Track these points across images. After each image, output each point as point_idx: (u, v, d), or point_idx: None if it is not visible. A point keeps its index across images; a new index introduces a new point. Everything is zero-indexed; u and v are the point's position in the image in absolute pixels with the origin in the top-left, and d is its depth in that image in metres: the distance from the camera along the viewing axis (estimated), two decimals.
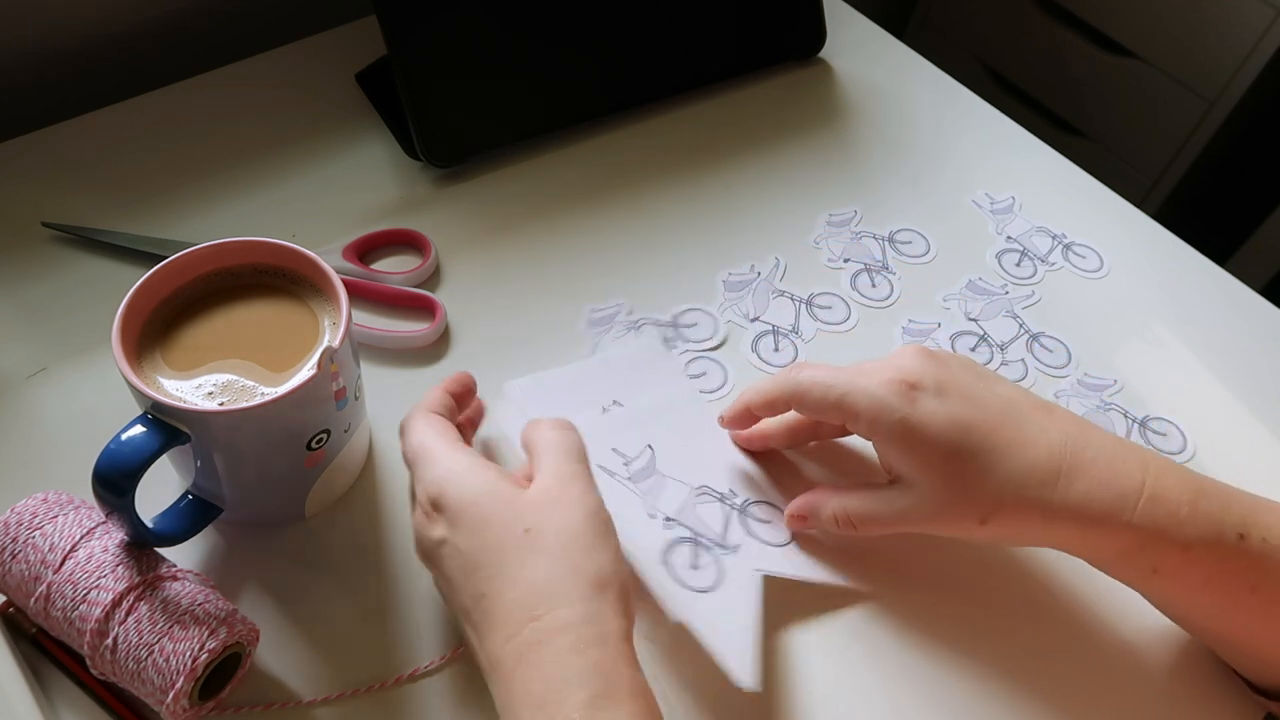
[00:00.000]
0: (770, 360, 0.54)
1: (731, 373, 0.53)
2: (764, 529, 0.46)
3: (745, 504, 0.46)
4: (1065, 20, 1.26)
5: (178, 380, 0.39)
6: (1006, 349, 0.55)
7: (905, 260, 0.59)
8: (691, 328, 0.55)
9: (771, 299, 0.57)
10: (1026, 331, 0.56)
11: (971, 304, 0.57)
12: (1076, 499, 0.38)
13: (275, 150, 0.61)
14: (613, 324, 0.55)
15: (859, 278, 0.58)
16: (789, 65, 0.71)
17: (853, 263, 0.59)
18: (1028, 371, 0.55)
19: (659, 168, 0.63)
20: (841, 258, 0.59)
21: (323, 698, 0.40)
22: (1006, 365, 0.55)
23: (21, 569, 0.38)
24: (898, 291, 0.58)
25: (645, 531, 0.44)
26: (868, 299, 0.57)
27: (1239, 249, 1.24)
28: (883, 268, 0.59)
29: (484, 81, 0.60)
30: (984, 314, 0.57)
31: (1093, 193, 0.65)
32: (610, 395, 0.49)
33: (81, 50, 0.65)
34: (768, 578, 0.43)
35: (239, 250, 0.42)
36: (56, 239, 0.55)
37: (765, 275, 0.57)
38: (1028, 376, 0.54)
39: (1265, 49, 1.09)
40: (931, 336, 0.56)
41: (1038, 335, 0.56)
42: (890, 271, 0.59)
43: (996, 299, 0.58)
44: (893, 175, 0.65)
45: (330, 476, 0.44)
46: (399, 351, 0.52)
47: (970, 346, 0.55)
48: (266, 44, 0.67)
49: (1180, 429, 0.52)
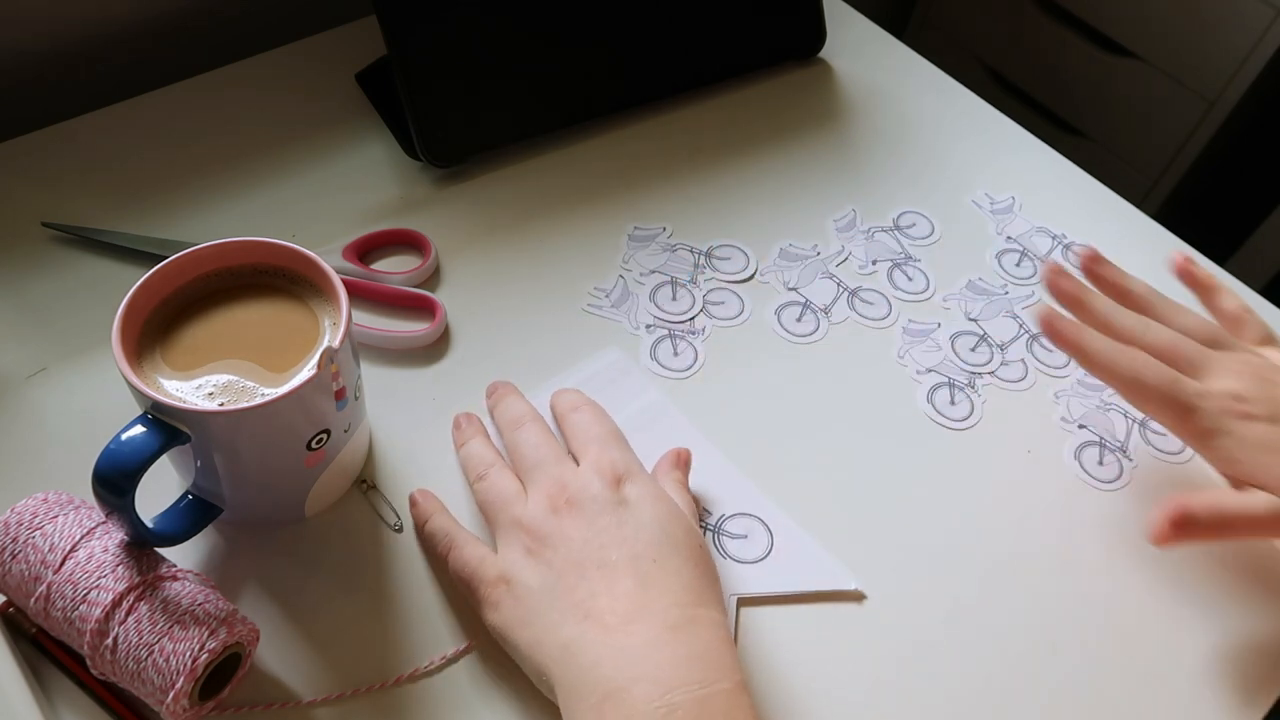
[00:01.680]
0: (791, 329, 0.55)
1: (749, 303, 0.56)
2: (739, 546, 0.46)
3: (720, 521, 0.46)
4: (1065, 20, 1.26)
5: (178, 380, 0.39)
6: (1006, 349, 0.56)
7: (918, 244, 0.61)
8: (725, 260, 0.58)
9: (818, 278, 0.58)
10: (1026, 331, 0.56)
11: (971, 304, 0.58)
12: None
13: (275, 150, 0.61)
14: (652, 244, 0.58)
15: (893, 274, 0.59)
16: (789, 65, 0.71)
17: (882, 262, 0.59)
18: (1028, 371, 0.55)
19: (659, 168, 0.63)
20: (870, 260, 0.59)
21: (322, 698, 0.40)
22: (1007, 365, 0.55)
23: (21, 569, 0.38)
24: (932, 284, 0.59)
25: None
26: (905, 292, 0.58)
27: (1239, 249, 1.24)
28: (907, 259, 0.60)
29: (484, 81, 0.60)
30: (984, 314, 0.57)
31: (1093, 193, 0.65)
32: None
33: (81, 50, 0.65)
34: (742, 603, 0.44)
35: (239, 250, 0.42)
36: (56, 239, 0.55)
37: (823, 255, 0.59)
38: (1028, 376, 0.54)
39: (1265, 49, 1.09)
40: (931, 336, 0.56)
41: (1037, 335, 0.56)
42: (916, 261, 0.60)
43: (996, 299, 0.58)
44: (892, 175, 0.65)
45: (330, 476, 0.44)
46: (399, 351, 0.52)
47: (970, 346, 0.55)
48: (266, 44, 0.67)
49: None
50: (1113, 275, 0.48)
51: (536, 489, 0.42)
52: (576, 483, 0.41)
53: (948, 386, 0.53)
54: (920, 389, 0.53)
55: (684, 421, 0.50)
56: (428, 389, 0.51)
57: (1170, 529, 0.41)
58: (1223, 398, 0.42)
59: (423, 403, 0.50)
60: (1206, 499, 0.42)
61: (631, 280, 0.57)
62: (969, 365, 0.55)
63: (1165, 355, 0.44)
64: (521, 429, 0.45)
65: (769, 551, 0.45)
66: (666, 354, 0.53)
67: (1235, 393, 0.42)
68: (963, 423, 0.52)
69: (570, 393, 0.48)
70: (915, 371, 0.54)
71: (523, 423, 0.45)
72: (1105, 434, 0.52)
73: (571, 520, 0.40)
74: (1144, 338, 0.45)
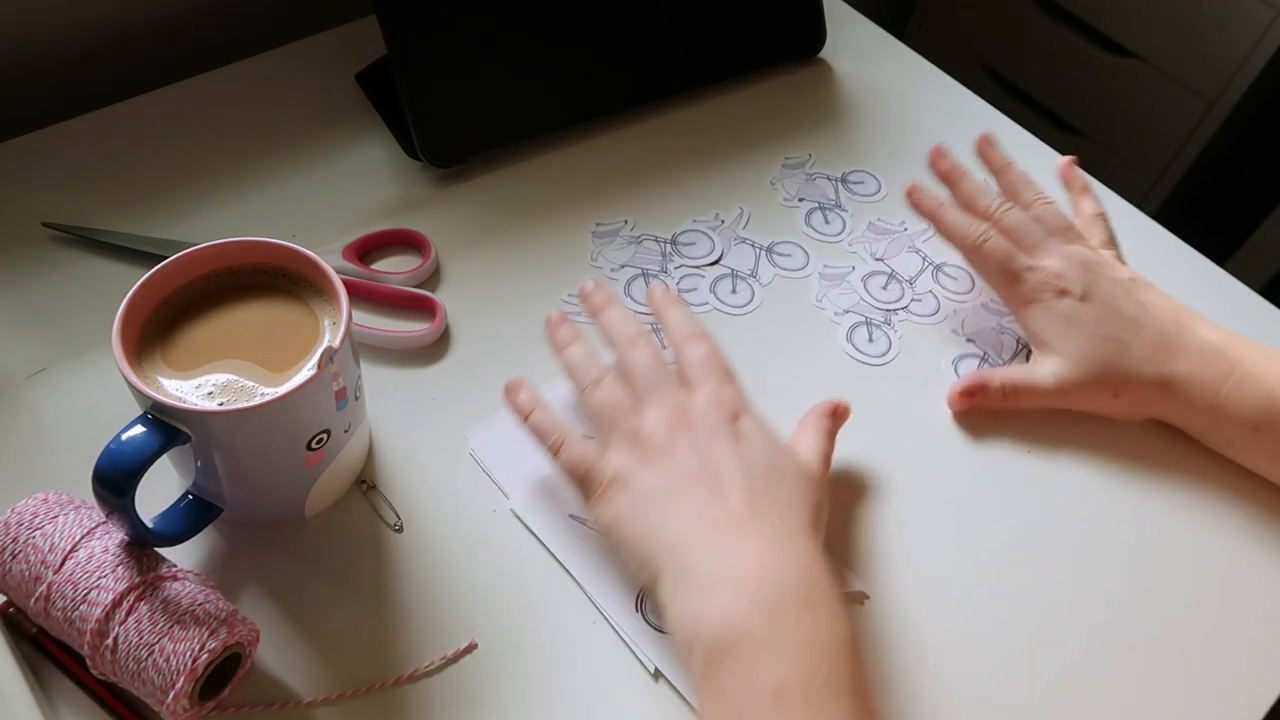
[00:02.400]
0: (728, 300, 0.57)
1: (705, 288, 0.57)
2: None
3: None
4: (1065, 20, 1.26)
5: (178, 380, 0.39)
6: (915, 282, 0.58)
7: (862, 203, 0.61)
8: (690, 246, 0.59)
9: (734, 244, 0.60)
10: (930, 263, 0.59)
11: (875, 245, 0.60)
12: (1183, 374, 0.48)
13: (275, 150, 0.61)
14: (615, 238, 0.58)
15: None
16: (789, 65, 0.71)
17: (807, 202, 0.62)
18: (940, 305, 0.57)
19: (659, 168, 0.63)
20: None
21: (322, 698, 0.40)
22: (918, 300, 0.58)
23: (22, 569, 0.38)
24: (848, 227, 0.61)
25: (618, 581, 0.44)
26: (821, 235, 0.61)
27: (1239, 249, 1.24)
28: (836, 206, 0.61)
29: (484, 81, 0.60)
30: (888, 252, 0.60)
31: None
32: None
33: (81, 50, 0.65)
34: None
35: (239, 250, 0.42)
36: (56, 239, 0.55)
37: (729, 223, 0.60)
38: (940, 309, 0.57)
39: (1265, 49, 1.09)
40: (846, 280, 0.58)
41: (941, 265, 0.59)
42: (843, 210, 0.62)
43: (897, 236, 0.61)
44: (892, 175, 0.65)
45: (330, 476, 0.44)
46: (399, 351, 0.52)
47: (882, 285, 0.58)
48: (266, 44, 0.67)
49: None
50: (995, 158, 0.58)
51: (655, 408, 0.43)
52: (695, 409, 0.42)
53: (865, 325, 0.56)
54: (840, 330, 0.55)
55: None
56: (428, 389, 0.51)
57: (963, 396, 0.51)
58: (1046, 273, 0.50)
59: (423, 403, 0.50)
60: (999, 371, 0.51)
61: (604, 278, 0.57)
62: (883, 303, 0.57)
63: (1011, 234, 0.52)
64: (636, 346, 0.45)
65: None
66: None
67: (1058, 272, 0.50)
68: (881, 358, 0.54)
69: (680, 311, 0.48)
70: (833, 313, 0.56)
71: (637, 341, 0.46)
72: (991, 350, 0.55)
73: (687, 440, 0.41)
74: (998, 217, 0.53)
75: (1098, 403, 0.50)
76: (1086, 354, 0.49)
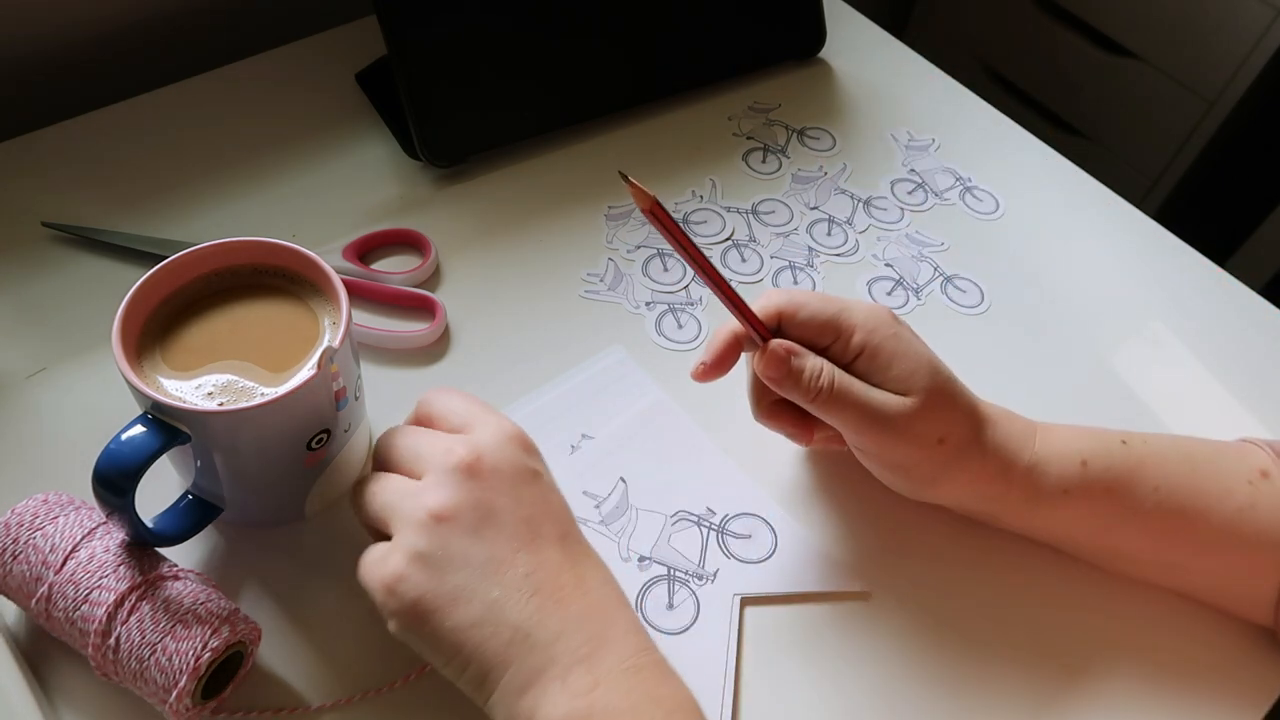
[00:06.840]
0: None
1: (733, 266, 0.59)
2: (743, 546, 0.46)
3: (724, 521, 0.47)
4: (1065, 20, 1.26)
5: (178, 380, 0.39)
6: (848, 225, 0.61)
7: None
8: (702, 224, 0.60)
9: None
10: (858, 200, 0.59)
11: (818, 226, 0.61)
12: (996, 442, 0.43)
13: (275, 150, 0.61)
14: (629, 220, 0.60)
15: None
16: (789, 65, 0.71)
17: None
18: (855, 243, 0.59)
19: (659, 168, 0.63)
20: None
21: (331, 702, 0.40)
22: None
23: (23, 570, 0.38)
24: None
25: (619, 577, 0.44)
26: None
27: (1239, 249, 1.24)
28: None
29: (484, 81, 0.60)
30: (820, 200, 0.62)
31: (1093, 193, 0.65)
32: (579, 429, 0.49)
33: (81, 50, 0.65)
34: (746, 602, 0.44)
35: (239, 250, 0.42)
36: (56, 239, 0.55)
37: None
38: (850, 243, 0.59)
39: (1265, 49, 1.09)
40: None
41: (868, 200, 0.62)
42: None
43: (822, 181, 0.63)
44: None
45: (330, 476, 0.44)
46: (399, 351, 0.52)
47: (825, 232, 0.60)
48: (266, 44, 0.67)
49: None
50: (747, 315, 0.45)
51: (440, 469, 0.36)
52: (490, 447, 0.37)
53: (789, 269, 0.58)
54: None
55: (686, 420, 0.50)
56: (427, 389, 0.50)
57: (706, 373, 0.43)
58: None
59: None
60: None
61: (620, 259, 0.57)
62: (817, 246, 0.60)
63: None
64: (387, 436, 0.40)
65: (773, 551, 0.46)
66: (671, 328, 0.54)
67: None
68: None
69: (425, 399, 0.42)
70: None
71: (388, 435, 0.40)
72: (906, 275, 0.58)
73: (494, 487, 0.36)
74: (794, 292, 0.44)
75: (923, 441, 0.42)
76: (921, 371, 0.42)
